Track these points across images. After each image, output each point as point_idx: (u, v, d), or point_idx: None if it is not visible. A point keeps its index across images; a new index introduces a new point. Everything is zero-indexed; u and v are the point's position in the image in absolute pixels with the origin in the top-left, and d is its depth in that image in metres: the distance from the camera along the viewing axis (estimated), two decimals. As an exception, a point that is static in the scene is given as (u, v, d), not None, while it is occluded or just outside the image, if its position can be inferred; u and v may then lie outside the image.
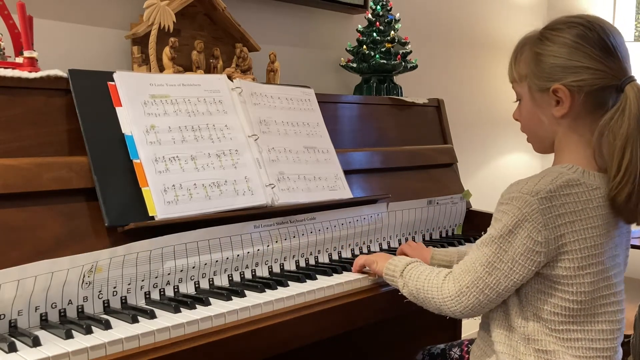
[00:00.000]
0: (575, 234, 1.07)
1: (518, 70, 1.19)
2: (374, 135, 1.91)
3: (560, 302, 1.08)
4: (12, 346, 0.92)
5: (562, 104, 1.12)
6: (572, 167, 1.11)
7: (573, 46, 1.10)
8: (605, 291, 1.11)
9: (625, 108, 1.07)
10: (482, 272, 1.09)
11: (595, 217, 1.09)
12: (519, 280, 1.08)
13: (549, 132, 1.17)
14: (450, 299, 1.12)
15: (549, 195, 1.06)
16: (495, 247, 1.08)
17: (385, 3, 2.10)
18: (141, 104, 1.33)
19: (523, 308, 1.12)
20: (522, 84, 1.18)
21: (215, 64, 1.72)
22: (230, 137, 1.42)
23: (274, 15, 2.09)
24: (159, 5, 1.55)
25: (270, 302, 1.17)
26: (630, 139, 1.06)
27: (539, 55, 1.14)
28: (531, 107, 1.18)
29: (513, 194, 1.08)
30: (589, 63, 1.09)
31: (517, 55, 1.20)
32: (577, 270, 1.07)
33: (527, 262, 1.06)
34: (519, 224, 1.06)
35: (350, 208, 1.56)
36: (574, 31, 1.12)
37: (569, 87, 1.10)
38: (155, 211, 1.23)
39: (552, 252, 1.07)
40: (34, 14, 1.37)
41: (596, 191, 1.10)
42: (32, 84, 1.22)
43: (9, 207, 1.10)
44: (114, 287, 1.13)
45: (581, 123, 1.13)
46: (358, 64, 2.11)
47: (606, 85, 1.10)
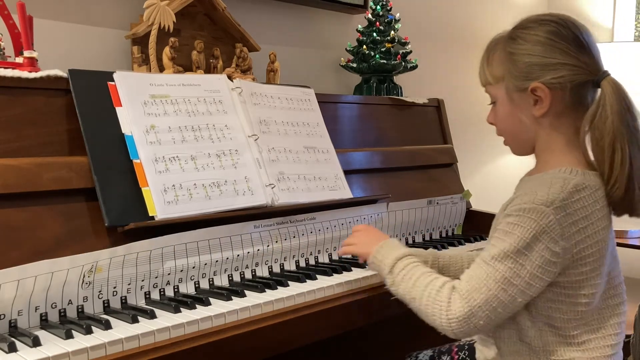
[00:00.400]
0: (589, 238, 1.05)
1: (492, 72, 1.16)
2: (374, 135, 1.91)
3: (573, 307, 1.06)
4: (12, 346, 0.92)
5: (541, 103, 1.10)
6: (572, 170, 1.08)
7: (548, 43, 1.08)
8: (608, 285, 1.10)
9: (606, 103, 1.06)
10: (497, 290, 1.02)
11: (602, 218, 1.07)
12: (534, 294, 1.04)
13: (529, 134, 1.14)
14: (458, 321, 1.03)
15: (563, 204, 1.03)
16: (511, 262, 1.02)
17: (385, 3, 2.10)
18: (141, 104, 1.33)
19: (534, 320, 1.08)
20: (498, 86, 1.15)
21: (215, 64, 1.72)
22: (230, 137, 1.42)
23: (274, 15, 2.09)
24: (159, 5, 1.55)
25: (270, 302, 1.17)
26: (618, 135, 1.05)
27: (513, 55, 1.11)
28: (509, 108, 1.15)
29: (525, 206, 1.03)
30: (565, 59, 1.08)
31: (489, 57, 1.17)
32: (591, 273, 1.06)
33: (545, 274, 1.02)
34: (537, 237, 1.02)
35: (350, 208, 1.56)
36: (547, 28, 1.10)
37: (548, 85, 1.08)
38: (155, 211, 1.23)
39: (567, 261, 1.04)
40: (34, 14, 1.37)
41: (598, 192, 1.08)
42: (32, 84, 1.22)
43: (9, 207, 1.10)
44: (114, 287, 1.13)
45: (563, 121, 1.11)
46: (358, 64, 2.11)
47: (584, 81, 1.08)
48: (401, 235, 1.71)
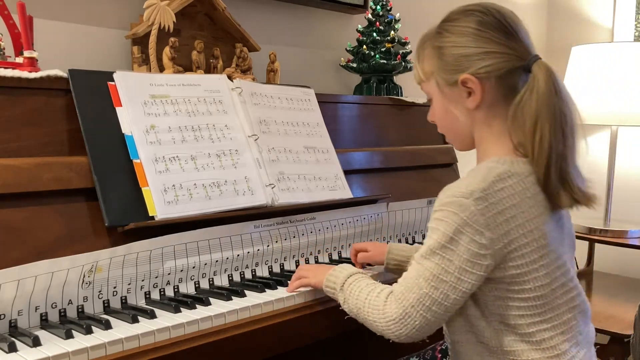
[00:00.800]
0: (519, 228, 1.01)
1: (423, 68, 1.14)
2: (374, 135, 1.91)
3: (522, 302, 1.03)
4: (12, 346, 0.92)
5: (473, 95, 1.07)
6: (499, 159, 1.06)
7: (473, 33, 1.07)
8: (562, 279, 1.06)
9: (534, 87, 1.04)
10: (428, 288, 1.00)
11: (535, 206, 1.03)
12: (467, 290, 1.00)
13: (466, 127, 1.12)
14: (394, 323, 1.02)
15: (484, 194, 1.00)
16: (438, 258, 1.00)
17: (385, 3, 2.10)
18: (141, 104, 1.33)
19: (488, 320, 1.05)
20: (430, 82, 1.13)
21: (215, 64, 1.72)
22: (230, 137, 1.42)
23: (274, 15, 2.09)
24: (159, 5, 1.55)
25: (270, 302, 1.17)
26: (540, 115, 1.02)
27: (441, 49, 1.10)
28: (443, 103, 1.13)
29: (447, 200, 1.02)
30: (492, 47, 1.05)
31: (420, 53, 1.15)
32: (529, 265, 1.01)
33: (475, 268, 0.99)
34: (459, 230, 0.99)
35: (350, 208, 1.56)
36: (472, 18, 1.08)
37: (477, 75, 1.06)
38: (155, 211, 1.23)
39: (500, 253, 1.00)
40: (34, 14, 1.37)
41: (529, 178, 1.04)
42: (32, 84, 1.22)
43: (9, 207, 1.10)
44: (114, 287, 1.13)
45: (497, 112, 1.08)
46: (358, 64, 2.11)
47: (513, 67, 1.06)
48: (401, 235, 1.71)
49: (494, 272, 1.02)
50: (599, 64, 2.49)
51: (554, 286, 1.04)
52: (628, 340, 1.91)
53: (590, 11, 3.03)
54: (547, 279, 1.03)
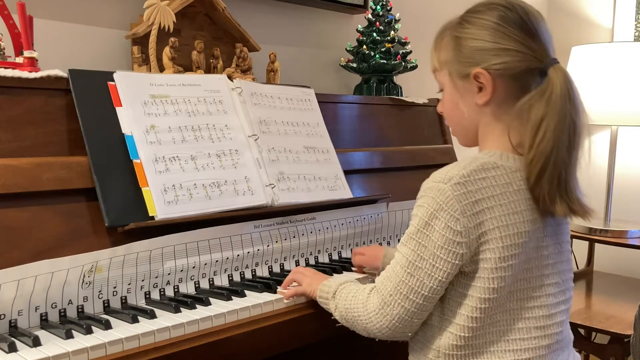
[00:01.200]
0: (495, 220, 0.98)
1: (439, 57, 1.11)
2: (374, 135, 1.91)
3: (478, 303, 0.98)
4: (12, 346, 0.92)
5: (484, 90, 1.05)
6: (489, 152, 1.04)
7: (494, 27, 1.04)
8: (524, 285, 1.01)
9: (547, 90, 1.00)
10: (404, 275, 0.99)
11: (517, 202, 1.00)
12: (443, 278, 0.98)
13: (473, 122, 1.09)
14: (375, 314, 1.02)
15: (463, 180, 0.98)
16: (414, 243, 0.99)
17: (385, 3, 2.10)
18: (141, 104, 1.33)
19: (443, 317, 1.02)
20: (443, 72, 1.11)
21: (215, 64, 1.72)
22: (230, 137, 1.42)
23: (274, 15, 2.09)
24: (159, 5, 1.55)
25: (270, 302, 1.17)
26: (547, 117, 0.99)
27: (459, 39, 1.07)
28: (454, 96, 1.10)
29: (426, 185, 1.01)
30: (510, 44, 1.02)
31: (438, 41, 1.12)
32: (499, 262, 0.97)
33: (449, 256, 0.97)
34: (435, 214, 0.98)
35: (350, 208, 1.56)
36: (494, 12, 1.05)
37: (490, 71, 1.03)
38: (155, 211, 1.23)
39: (474, 243, 0.97)
40: (34, 14, 1.37)
41: (516, 174, 1.01)
42: (32, 84, 1.22)
43: (9, 207, 1.10)
44: (114, 287, 1.13)
45: (505, 111, 1.05)
46: (358, 64, 2.11)
47: (529, 68, 1.03)
48: (401, 235, 1.71)
49: (467, 265, 0.99)
50: (599, 64, 2.49)
51: (512, 289, 1.00)
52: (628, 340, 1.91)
53: (590, 11, 3.03)
54: (509, 280, 0.99)
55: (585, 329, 2.21)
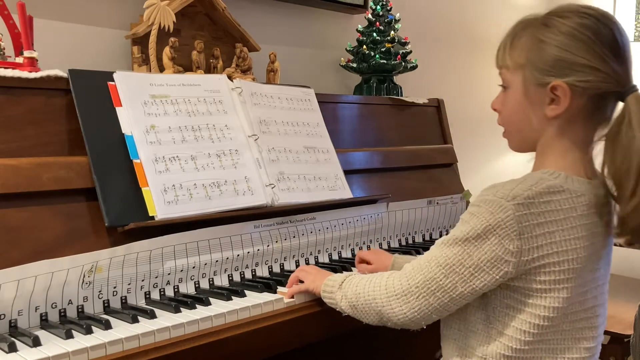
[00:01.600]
0: (555, 245, 0.96)
1: (513, 56, 1.04)
2: (374, 135, 1.91)
3: (530, 318, 0.98)
4: (12, 346, 0.92)
5: (557, 103, 1.00)
6: (553, 172, 1.00)
7: (583, 40, 0.97)
8: (578, 307, 1.00)
9: (632, 121, 0.96)
10: (438, 273, 0.98)
11: (579, 227, 0.98)
12: (478, 288, 0.97)
13: (535, 132, 1.04)
14: (396, 297, 1.01)
15: (527, 201, 0.95)
16: (459, 249, 0.97)
17: (385, 3, 2.10)
18: (141, 104, 1.33)
19: (490, 325, 1.01)
20: (516, 73, 1.04)
21: (215, 64, 1.72)
22: (230, 137, 1.42)
23: (274, 15, 2.09)
24: (159, 5, 1.55)
25: (270, 302, 1.17)
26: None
27: (542, 44, 1.00)
28: (521, 100, 1.04)
29: (487, 197, 0.98)
30: (598, 63, 0.97)
31: (514, 39, 1.05)
32: (554, 284, 0.97)
33: (493, 270, 0.96)
34: (491, 230, 0.95)
35: (350, 208, 1.56)
36: (584, 22, 0.98)
37: (571, 87, 0.98)
38: (155, 211, 1.23)
39: (524, 264, 0.96)
40: (34, 14, 1.37)
41: (580, 198, 0.99)
42: (32, 84, 1.22)
43: (9, 207, 1.10)
44: (114, 287, 1.13)
45: (574, 127, 1.02)
46: (358, 64, 2.11)
47: (609, 91, 0.99)
48: (401, 235, 1.71)
49: (515, 280, 0.98)
50: (599, 64, 2.49)
51: (568, 312, 1.00)
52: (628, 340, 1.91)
53: (590, 11, 3.03)
54: (565, 303, 0.98)
55: (585, 329, 2.20)
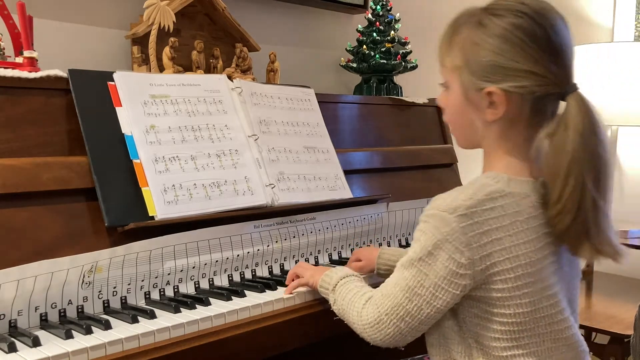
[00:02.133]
0: (504, 251, 0.94)
1: (451, 56, 1.02)
2: (374, 135, 1.91)
3: (500, 326, 0.97)
4: (12, 346, 0.92)
5: (496, 108, 0.98)
6: (496, 176, 0.99)
7: (515, 42, 0.95)
8: (550, 310, 0.98)
9: (569, 122, 0.94)
10: (402, 298, 0.97)
11: (528, 230, 0.96)
12: (442, 307, 0.96)
13: (478, 134, 1.03)
14: (370, 327, 1.01)
15: (469, 211, 0.93)
16: (415, 270, 0.97)
17: (385, 3, 2.10)
18: (141, 104, 1.33)
19: (464, 335, 1.00)
20: (454, 75, 1.02)
21: (215, 64, 1.72)
22: (230, 137, 1.42)
23: (274, 15, 2.09)
24: (159, 5, 1.55)
25: (270, 302, 1.17)
26: (576, 160, 0.93)
27: (476, 47, 0.98)
28: (462, 102, 1.02)
29: (431, 211, 0.97)
30: (532, 67, 0.95)
31: (452, 37, 1.02)
32: (512, 291, 0.95)
33: (451, 287, 0.95)
34: (438, 245, 0.94)
35: (350, 208, 1.56)
36: (519, 22, 0.95)
37: (506, 92, 0.96)
38: (155, 211, 1.23)
39: (480, 274, 0.94)
40: (34, 14, 1.37)
41: (526, 200, 0.97)
42: (32, 84, 1.22)
43: (9, 207, 1.10)
44: (114, 287, 1.13)
45: (516, 130, 1.00)
46: (358, 64, 2.11)
47: (547, 93, 0.97)
48: (401, 235, 1.71)
49: (476, 290, 0.97)
50: (599, 64, 2.49)
51: (537, 316, 0.98)
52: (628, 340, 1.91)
53: (590, 11, 3.03)
54: (530, 307, 0.96)
55: (585, 329, 2.20)
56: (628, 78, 2.43)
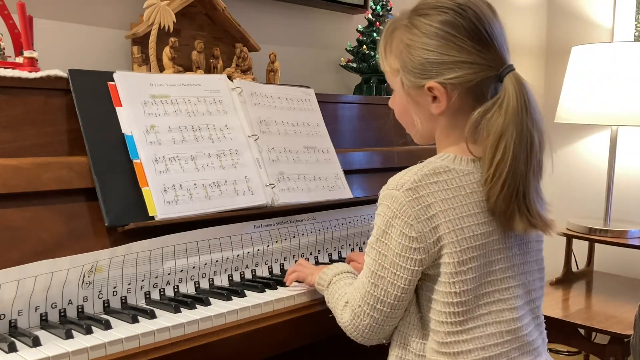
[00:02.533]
0: (450, 223, 0.97)
1: (389, 62, 1.07)
2: (374, 135, 1.91)
3: (445, 307, 0.97)
4: (12, 346, 0.92)
5: (439, 102, 1.02)
6: (442, 155, 1.03)
7: (444, 37, 0.99)
8: (489, 287, 0.99)
9: (504, 101, 0.97)
10: (369, 286, 1.00)
11: (471, 205, 0.99)
12: (405, 286, 0.98)
13: (426, 128, 1.07)
14: (349, 324, 1.04)
15: (414, 185, 0.97)
16: (375, 253, 1.00)
17: (385, 3, 2.11)
18: (141, 104, 1.33)
19: (422, 320, 1.01)
20: (395, 78, 1.07)
21: (215, 64, 1.72)
22: (230, 137, 1.42)
23: (274, 15, 2.09)
24: (159, 5, 1.55)
25: (270, 302, 1.17)
26: (505, 134, 0.96)
27: (410, 48, 1.02)
28: (406, 102, 1.07)
29: (383, 192, 1.01)
30: (462, 57, 0.98)
31: (387, 43, 1.07)
32: (458, 266, 0.96)
33: (408, 262, 0.97)
34: (390, 222, 0.97)
35: (350, 208, 1.56)
36: (444, 18, 1.00)
37: (444, 85, 1.00)
38: (155, 211, 1.23)
39: (432, 247, 0.97)
40: (34, 14, 1.37)
41: (469, 176, 1.00)
42: (32, 84, 1.22)
43: (9, 207, 1.10)
44: (114, 287, 1.13)
45: (461, 117, 1.02)
46: (358, 64, 2.11)
47: (484, 78, 1.00)
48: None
49: (429, 269, 0.99)
50: (599, 64, 2.49)
51: (479, 293, 0.98)
52: (628, 340, 1.91)
53: (590, 11, 3.03)
54: (472, 284, 0.97)
55: (585, 329, 2.21)
56: (628, 78, 2.43)
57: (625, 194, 2.86)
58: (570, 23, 3.05)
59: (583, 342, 2.28)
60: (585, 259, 2.76)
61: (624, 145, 2.86)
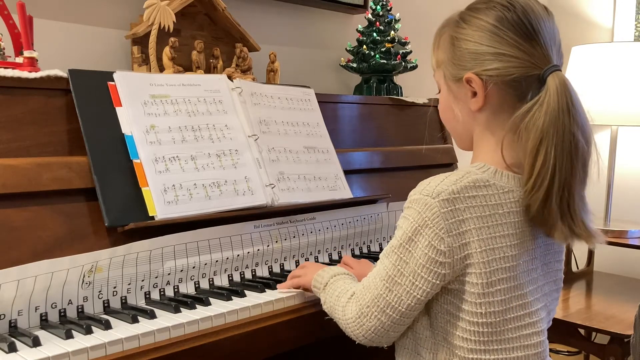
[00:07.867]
0: (482, 242, 0.93)
1: (437, 55, 1.06)
2: (374, 135, 1.90)
3: (469, 326, 0.95)
4: (12, 346, 0.92)
5: (477, 96, 0.99)
6: (482, 166, 0.98)
7: (489, 30, 0.97)
8: (519, 311, 0.97)
9: (544, 102, 0.93)
10: (382, 289, 0.96)
11: (506, 225, 0.95)
12: (421, 297, 0.94)
13: (466, 128, 1.04)
14: (352, 322, 1.00)
15: (452, 197, 0.93)
16: (395, 258, 0.95)
17: (385, 3, 2.10)
18: (141, 104, 1.33)
19: (435, 332, 0.99)
20: (440, 73, 1.06)
21: (215, 64, 1.72)
22: (230, 137, 1.42)
23: (274, 15, 2.09)
24: (159, 5, 1.55)
25: (270, 302, 1.17)
26: (546, 137, 0.92)
27: (455, 40, 1.01)
28: (447, 98, 1.06)
29: (414, 196, 0.96)
30: (505, 49, 0.96)
31: (437, 39, 1.07)
32: (485, 287, 0.93)
33: (430, 275, 0.92)
34: (419, 230, 0.93)
35: (350, 208, 1.56)
36: (492, 13, 0.98)
37: (482, 77, 0.97)
38: (155, 211, 1.23)
39: (458, 264, 0.93)
40: (34, 14, 1.37)
41: (508, 194, 0.96)
42: (32, 84, 1.22)
43: (9, 207, 1.10)
44: (114, 287, 1.13)
45: (500, 119, 0.99)
46: (358, 64, 2.11)
47: (526, 75, 0.96)
48: (401, 235, 1.71)
49: (452, 283, 0.95)
50: (599, 64, 2.49)
51: (508, 317, 0.96)
52: (628, 340, 1.91)
53: (590, 11, 3.03)
54: (501, 307, 0.95)
55: (585, 329, 2.20)
56: (628, 78, 2.43)
57: (625, 194, 2.86)
58: (570, 23, 3.05)
59: (583, 342, 2.29)
60: (585, 259, 2.76)
61: (624, 145, 2.86)
